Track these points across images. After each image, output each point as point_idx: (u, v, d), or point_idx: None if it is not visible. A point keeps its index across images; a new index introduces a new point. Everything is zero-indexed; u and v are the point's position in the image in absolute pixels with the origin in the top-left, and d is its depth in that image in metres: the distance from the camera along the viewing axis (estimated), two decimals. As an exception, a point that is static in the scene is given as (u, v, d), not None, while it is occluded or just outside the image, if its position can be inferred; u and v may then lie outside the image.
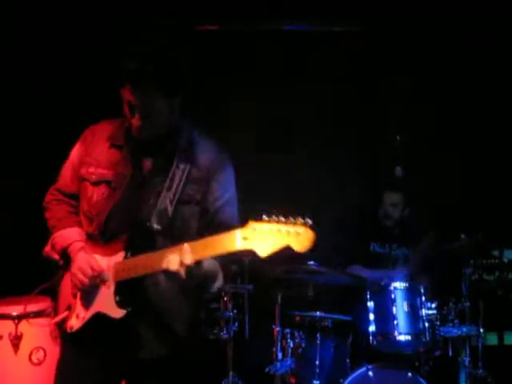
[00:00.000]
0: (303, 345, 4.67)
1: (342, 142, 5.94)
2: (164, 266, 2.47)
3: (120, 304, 2.62)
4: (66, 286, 2.84)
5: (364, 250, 5.24)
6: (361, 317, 4.70)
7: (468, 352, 4.60)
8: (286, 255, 2.24)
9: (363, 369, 4.50)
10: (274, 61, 5.93)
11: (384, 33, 5.92)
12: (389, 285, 4.65)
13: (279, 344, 4.61)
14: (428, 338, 4.54)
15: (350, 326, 4.80)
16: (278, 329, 4.62)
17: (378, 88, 5.98)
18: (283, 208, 2.34)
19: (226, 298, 4.72)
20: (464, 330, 4.57)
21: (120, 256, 2.67)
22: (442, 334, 4.58)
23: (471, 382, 4.56)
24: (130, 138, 2.77)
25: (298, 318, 4.78)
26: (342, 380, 4.51)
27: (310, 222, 2.23)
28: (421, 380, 4.45)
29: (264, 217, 2.26)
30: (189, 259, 2.42)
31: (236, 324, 4.73)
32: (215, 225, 2.68)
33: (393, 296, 4.60)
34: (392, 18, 5.84)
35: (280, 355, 4.59)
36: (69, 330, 2.74)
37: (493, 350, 4.69)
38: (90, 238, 2.81)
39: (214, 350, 4.74)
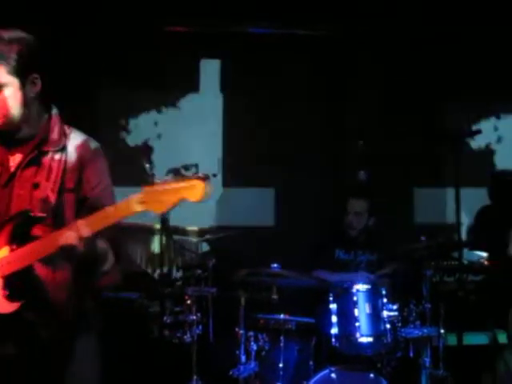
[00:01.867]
0: (267, 347, 4.67)
1: (307, 144, 6.00)
2: (61, 242, 2.50)
3: (11, 298, 2.58)
4: None
5: (329, 256, 5.27)
6: (324, 319, 4.72)
7: (429, 353, 4.66)
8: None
9: (326, 371, 4.53)
10: (239, 62, 5.97)
11: (350, 37, 5.99)
12: (351, 287, 4.69)
13: (243, 347, 4.61)
14: (389, 340, 4.58)
15: (314, 329, 4.81)
16: (241, 332, 4.62)
17: (343, 92, 6.05)
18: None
19: (189, 301, 4.72)
20: (425, 331, 4.63)
21: (4, 251, 2.63)
22: (403, 335, 4.64)
23: (432, 382, 4.62)
24: None
25: (261, 321, 4.77)
26: (305, 382, 4.53)
27: (201, 175, 2.41)
28: (383, 381, 4.48)
29: (156, 181, 2.47)
30: (86, 232, 2.49)
31: (200, 327, 4.73)
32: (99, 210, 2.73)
33: (355, 298, 4.64)
34: (357, 23, 5.92)
35: (244, 358, 4.59)
36: None
37: (453, 351, 4.75)
38: None
39: (177, 354, 4.75)
